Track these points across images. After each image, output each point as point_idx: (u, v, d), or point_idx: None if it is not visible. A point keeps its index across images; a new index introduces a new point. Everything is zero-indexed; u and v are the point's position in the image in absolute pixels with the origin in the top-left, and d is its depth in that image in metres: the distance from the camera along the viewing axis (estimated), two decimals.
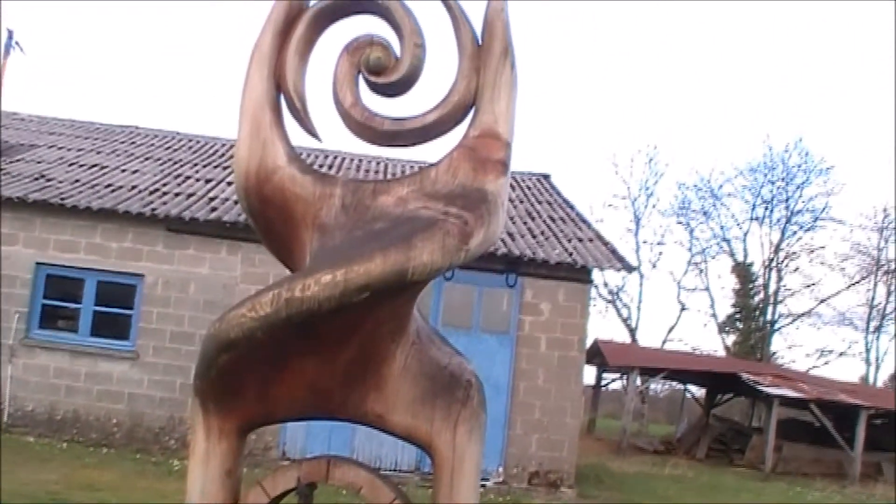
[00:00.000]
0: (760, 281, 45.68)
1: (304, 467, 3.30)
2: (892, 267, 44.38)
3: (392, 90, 3.50)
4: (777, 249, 44.68)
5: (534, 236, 17.64)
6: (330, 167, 20.46)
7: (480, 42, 3.48)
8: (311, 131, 3.61)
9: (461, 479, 3.17)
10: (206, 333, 3.07)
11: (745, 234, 45.66)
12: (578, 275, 16.57)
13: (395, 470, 15.63)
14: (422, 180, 3.36)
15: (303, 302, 2.81)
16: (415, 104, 3.56)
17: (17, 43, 28.37)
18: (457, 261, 2.96)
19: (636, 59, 64.81)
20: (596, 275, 17.69)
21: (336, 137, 3.90)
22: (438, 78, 3.63)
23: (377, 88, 3.51)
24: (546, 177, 23.41)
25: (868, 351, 45.92)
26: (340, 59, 3.53)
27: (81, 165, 18.87)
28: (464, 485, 3.18)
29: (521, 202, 20.30)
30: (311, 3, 3.67)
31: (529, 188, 21.98)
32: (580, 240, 17.85)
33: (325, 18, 3.62)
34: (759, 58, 63.37)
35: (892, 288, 44.88)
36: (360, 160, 21.86)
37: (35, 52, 48.91)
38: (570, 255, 16.66)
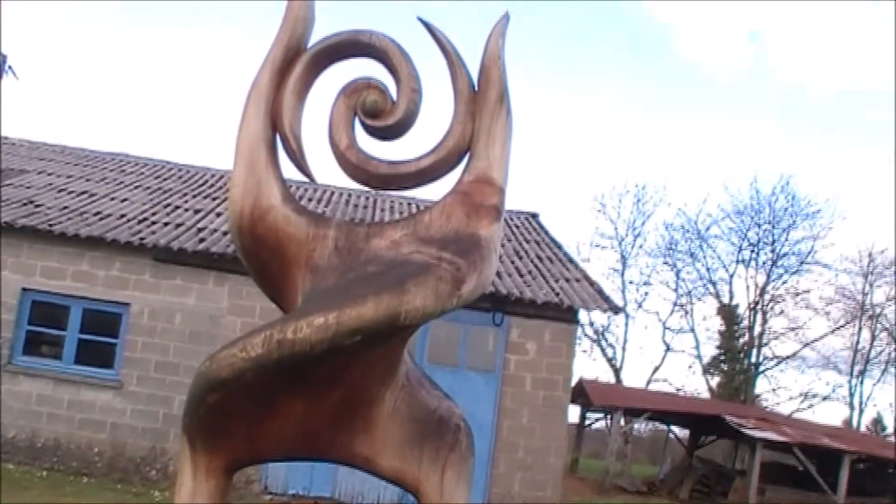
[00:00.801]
0: (745, 323, 45.75)
1: None
2: (877, 311, 44.52)
3: (388, 134, 3.52)
4: (762, 292, 44.79)
5: (521, 275, 17.65)
6: (319, 201, 20.47)
7: (477, 88, 3.51)
8: (307, 172, 3.63)
9: None
10: (196, 372, 3.06)
11: (731, 277, 45.79)
12: (565, 315, 16.57)
13: None
14: (415, 224, 3.38)
15: (294, 344, 2.81)
16: (410, 148, 3.58)
17: (10, 67, 28.40)
18: (449, 306, 2.97)
19: (624, 100, 65.23)
20: (582, 314, 17.64)
21: (328, 172, 3.91)
22: (434, 122, 3.66)
23: (373, 131, 3.53)
24: (534, 216, 23.47)
25: (852, 395, 45.98)
26: (337, 101, 3.55)
27: (70, 192, 18.83)
28: None
29: (509, 241, 20.32)
30: (310, 44, 3.69)
31: (517, 227, 22.02)
32: (567, 280, 17.87)
33: (324, 60, 3.65)
34: (746, 100, 63.85)
35: (877, 332, 45.02)
36: (350, 194, 21.88)
37: (29, 77, 48.92)
38: (557, 294, 16.67)
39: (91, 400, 15.91)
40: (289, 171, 3.62)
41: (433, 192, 3.65)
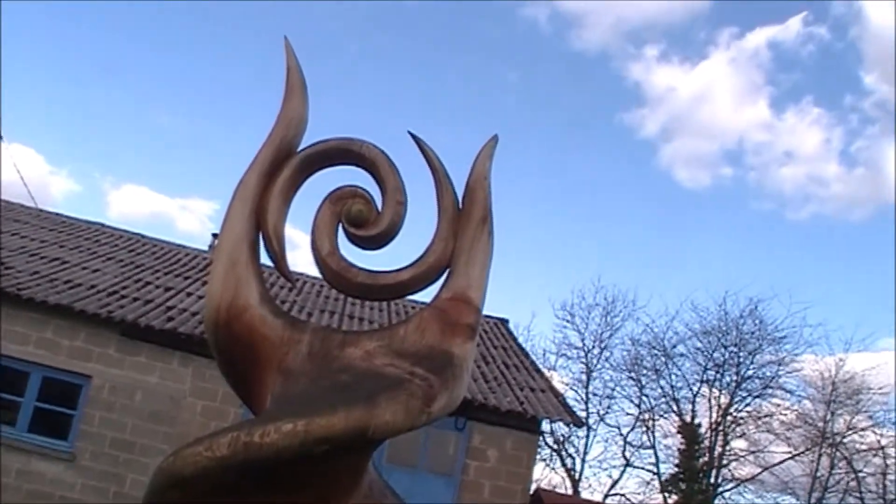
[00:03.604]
0: (706, 443, 45.59)
1: None
2: (837, 440, 44.52)
3: (370, 243, 3.57)
4: (725, 413, 44.73)
5: (486, 381, 17.63)
6: (291, 289, 20.45)
7: (461, 207, 3.57)
8: (286, 275, 3.66)
9: None
10: (157, 467, 3.04)
11: (695, 396, 45.70)
12: (528, 424, 16.52)
13: None
14: (391, 336, 3.40)
15: (261, 448, 2.80)
16: (392, 259, 3.63)
17: None
18: (418, 423, 2.98)
19: (604, 214, 65.85)
20: (544, 423, 17.61)
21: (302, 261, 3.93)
22: (418, 235, 3.71)
23: (356, 240, 3.57)
24: (504, 322, 23.53)
25: None
26: (322, 207, 3.60)
27: (43, 257, 18.74)
28: None
29: (478, 345, 20.30)
30: (301, 147, 3.75)
31: (486, 332, 22.04)
32: (532, 389, 17.85)
33: (313, 164, 3.71)
34: (722, 220, 64.63)
35: (836, 460, 44.94)
36: (322, 285, 21.85)
37: (13, 138, 48.96)
38: (521, 403, 16.65)
39: (42, 471, 15.62)
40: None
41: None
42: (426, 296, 3.63)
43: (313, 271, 15.75)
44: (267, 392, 3.41)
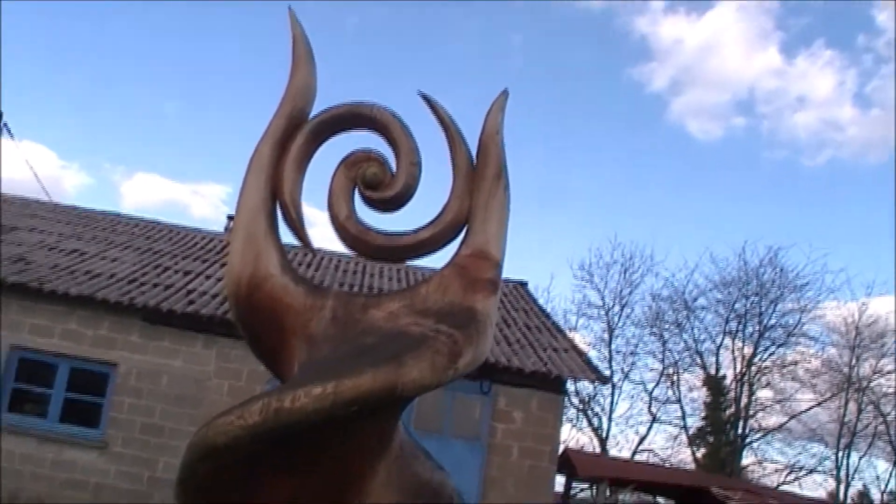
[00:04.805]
0: (732, 395, 45.58)
1: None
2: (863, 384, 44.42)
3: (386, 205, 3.57)
4: (749, 364, 44.67)
5: (509, 344, 17.64)
6: (309, 265, 20.49)
7: (475, 163, 3.56)
8: (306, 242, 3.66)
9: None
10: (191, 440, 3.04)
11: (718, 348, 45.67)
12: (552, 384, 16.54)
13: None
14: (412, 296, 3.41)
15: (292, 413, 2.81)
16: (409, 220, 3.62)
17: (5, 125, 28.57)
18: (445, 379, 2.99)
19: (614, 166, 65.60)
20: (569, 383, 17.60)
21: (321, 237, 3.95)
22: (433, 194, 3.70)
23: (372, 203, 3.57)
24: (523, 284, 23.52)
25: (838, 468, 45.60)
26: (337, 172, 3.60)
27: (61, 250, 18.82)
28: None
29: (498, 309, 20.30)
30: (312, 115, 3.74)
31: (506, 295, 22.03)
32: (555, 349, 17.86)
33: (325, 131, 3.69)
34: (736, 171, 64.26)
35: (863, 405, 44.84)
36: (339, 260, 21.89)
37: (24, 136, 49.08)
38: (545, 364, 16.66)
39: (75, 459, 15.76)
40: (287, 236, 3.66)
41: (429, 261, 3.69)
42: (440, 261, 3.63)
43: (330, 246, 15.66)
44: (294, 361, 3.42)
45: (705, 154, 63.11)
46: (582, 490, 35.61)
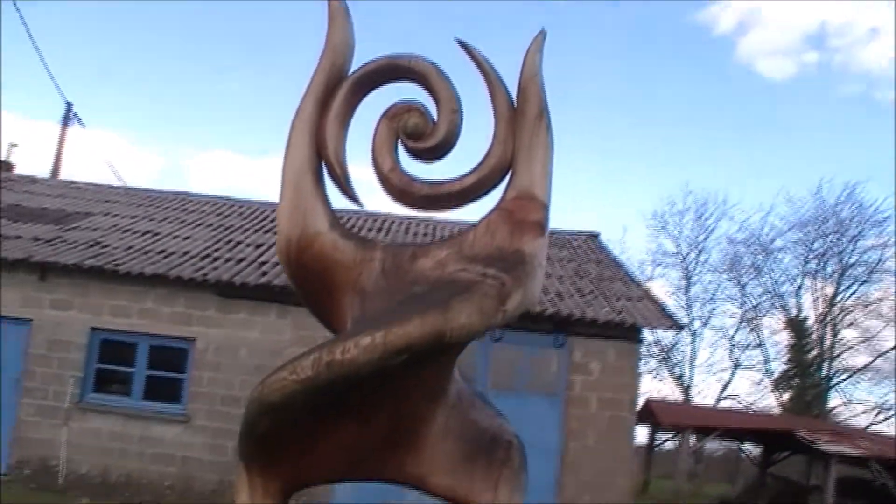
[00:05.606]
0: (815, 336, 44.93)
1: None
2: None
3: (430, 155, 3.54)
4: (832, 304, 43.96)
5: (582, 295, 17.55)
6: (379, 231, 20.57)
7: (516, 106, 3.52)
8: (352, 197, 3.65)
9: None
10: (249, 397, 3.09)
11: (799, 289, 45.01)
12: (628, 334, 16.42)
13: None
14: (460, 243, 3.39)
15: (343, 364, 2.82)
16: (453, 169, 3.60)
17: (75, 115, 29.13)
18: (495, 322, 2.97)
19: (681, 116, 64.65)
20: (648, 333, 17.49)
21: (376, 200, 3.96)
22: (476, 142, 3.67)
23: (415, 153, 3.55)
24: (595, 236, 23.35)
25: None
26: (379, 125, 3.59)
27: (135, 232, 19.13)
28: None
29: (570, 262, 20.23)
30: (351, 71, 3.73)
31: (578, 248, 21.91)
32: (629, 298, 17.72)
33: (365, 85, 3.68)
34: (808, 107, 62.96)
35: None
36: (409, 222, 21.93)
37: (93, 124, 49.91)
38: (619, 313, 16.55)
39: (160, 435, 16.09)
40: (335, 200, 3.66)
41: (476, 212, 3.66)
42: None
43: (399, 211, 15.65)
44: (347, 315, 3.43)
45: (776, 93, 61.98)
46: (666, 440, 35.51)
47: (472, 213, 3.64)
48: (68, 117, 29.00)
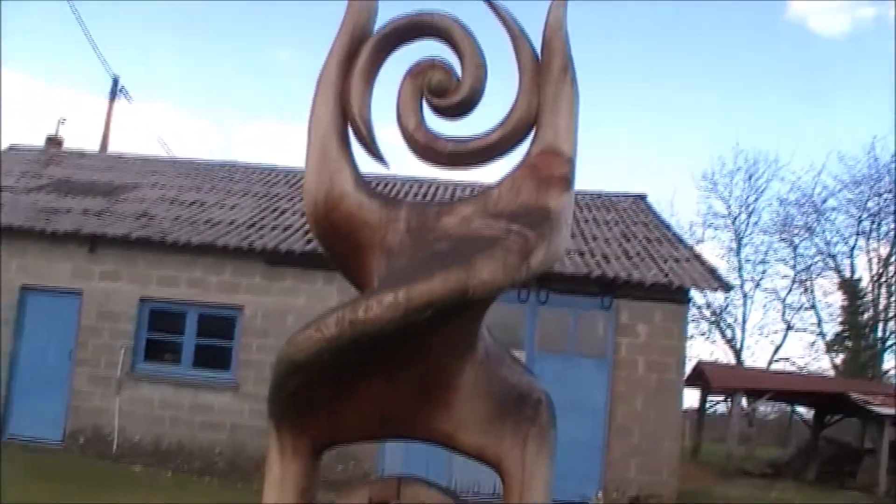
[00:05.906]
0: (869, 297, 44.37)
1: (375, 487, 3.33)
2: None
3: (454, 112, 3.52)
4: (886, 264, 43.38)
5: (629, 258, 17.48)
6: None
7: (540, 60, 3.48)
8: (378, 156, 3.65)
9: (530, 497, 3.15)
10: (277, 356, 3.10)
11: (852, 250, 44.46)
12: (675, 295, 16.35)
13: (494, 494, 15.57)
14: (485, 200, 3.37)
15: (366, 323, 2.81)
16: (478, 127, 3.57)
17: (123, 89, 29.38)
18: (518, 277, 2.94)
19: (730, 77, 63.86)
20: (698, 296, 17.38)
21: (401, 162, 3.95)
22: (500, 97, 3.64)
23: (440, 111, 3.53)
24: (642, 197, 23.21)
25: None
26: (403, 83, 3.57)
27: (182, 203, 19.34)
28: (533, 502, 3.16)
29: (617, 224, 20.14)
30: (375, 30, 3.72)
31: (625, 210, 21.81)
32: (677, 260, 17.62)
33: (389, 44, 3.66)
34: (860, 64, 61.93)
35: None
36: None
37: (140, 98, 50.28)
38: (666, 275, 16.46)
39: (210, 402, 16.32)
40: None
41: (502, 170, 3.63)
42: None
43: (444, 176, 15.69)
44: (374, 275, 3.44)
45: (831, 49, 61.01)
46: (717, 403, 35.36)
47: (495, 174, 3.62)
48: (116, 92, 29.28)
